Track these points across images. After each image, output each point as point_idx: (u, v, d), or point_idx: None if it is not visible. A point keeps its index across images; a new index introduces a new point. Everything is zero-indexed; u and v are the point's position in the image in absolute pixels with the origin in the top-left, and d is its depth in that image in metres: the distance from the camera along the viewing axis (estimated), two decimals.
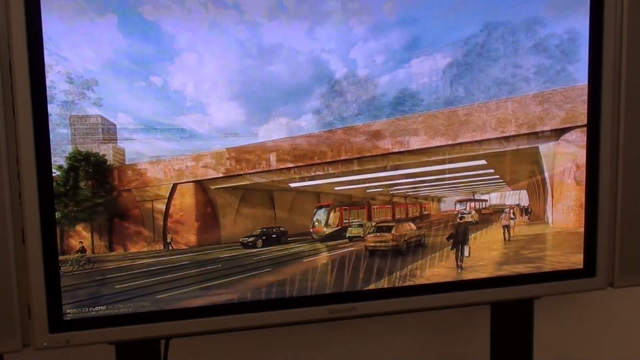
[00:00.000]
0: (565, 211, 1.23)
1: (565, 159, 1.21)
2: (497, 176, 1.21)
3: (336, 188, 1.16)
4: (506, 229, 1.22)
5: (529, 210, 1.23)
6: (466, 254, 1.19)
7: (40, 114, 0.93)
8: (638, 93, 1.15)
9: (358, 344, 1.40)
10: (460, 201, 1.21)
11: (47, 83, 0.94)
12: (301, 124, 1.15)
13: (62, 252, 0.98)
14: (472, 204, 1.21)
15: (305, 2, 1.04)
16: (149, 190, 1.07)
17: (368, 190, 1.16)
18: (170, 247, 1.06)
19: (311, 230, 1.13)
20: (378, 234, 1.16)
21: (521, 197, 1.22)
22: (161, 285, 1.04)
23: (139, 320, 1.02)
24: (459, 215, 1.20)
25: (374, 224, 1.16)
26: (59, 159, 0.97)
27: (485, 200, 1.21)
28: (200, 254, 1.07)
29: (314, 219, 1.14)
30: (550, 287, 1.20)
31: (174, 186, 1.08)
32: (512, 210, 1.22)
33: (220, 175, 1.12)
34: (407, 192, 1.18)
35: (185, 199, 1.08)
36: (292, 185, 1.16)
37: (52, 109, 0.95)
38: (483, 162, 1.18)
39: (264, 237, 1.11)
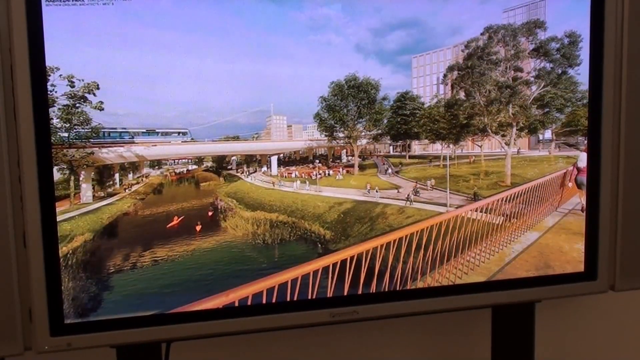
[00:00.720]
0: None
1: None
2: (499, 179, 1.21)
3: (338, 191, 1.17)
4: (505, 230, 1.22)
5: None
6: (467, 257, 1.19)
7: (42, 118, 0.93)
8: (639, 96, 1.15)
9: (359, 346, 1.40)
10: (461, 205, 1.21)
11: (49, 87, 0.94)
12: (302, 127, 1.15)
13: (63, 254, 0.98)
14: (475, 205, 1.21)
15: (306, 6, 1.04)
16: (151, 192, 1.07)
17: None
18: (172, 250, 1.06)
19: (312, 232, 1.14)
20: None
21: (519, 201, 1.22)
22: (162, 288, 1.04)
23: (140, 324, 1.02)
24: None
25: None
26: (60, 162, 0.98)
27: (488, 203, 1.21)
28: (201, 256, 1.07)
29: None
30: (551, 291, 1.20)
31: (175, 188, 1.08)
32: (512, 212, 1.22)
33: (221, 178, 1.13)
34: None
35: (186, 201, 1.08)
36: (293, 187, 1.17)
37: (54, 112, 0.96)
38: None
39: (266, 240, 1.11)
